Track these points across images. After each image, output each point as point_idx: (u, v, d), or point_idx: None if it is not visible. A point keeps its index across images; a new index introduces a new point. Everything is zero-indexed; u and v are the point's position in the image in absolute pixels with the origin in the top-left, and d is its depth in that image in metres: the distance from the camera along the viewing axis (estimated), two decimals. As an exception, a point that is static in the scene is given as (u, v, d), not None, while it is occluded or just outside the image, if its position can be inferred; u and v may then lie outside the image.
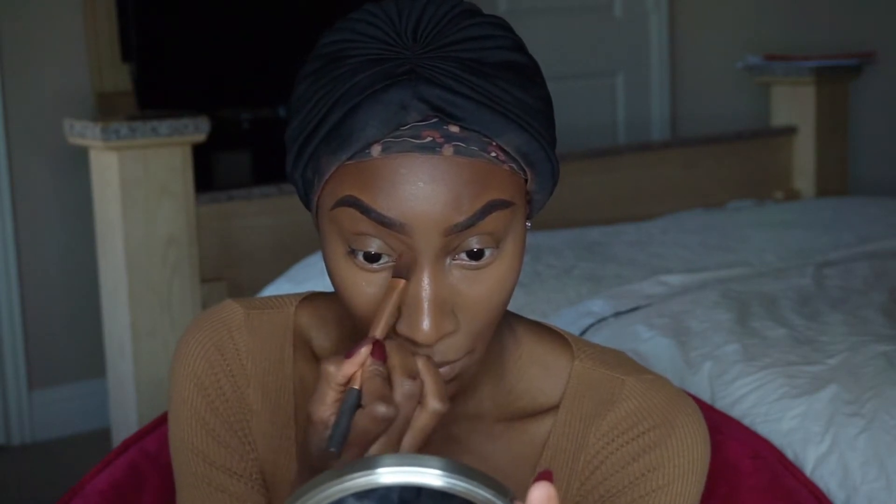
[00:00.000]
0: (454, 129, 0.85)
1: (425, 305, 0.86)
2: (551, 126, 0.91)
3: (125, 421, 2.60)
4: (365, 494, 0.65)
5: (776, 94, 3.73)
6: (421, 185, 0.84)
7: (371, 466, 0.65)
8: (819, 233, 2.78)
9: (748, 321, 1.98)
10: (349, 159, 0.86)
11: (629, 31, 4.38)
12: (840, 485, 1.64)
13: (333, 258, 0.89)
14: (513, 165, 0.88)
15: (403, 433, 0.84)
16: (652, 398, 1.00)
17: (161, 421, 1.38)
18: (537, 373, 1.02)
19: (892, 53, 4.19)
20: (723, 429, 1.44)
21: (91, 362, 3.45)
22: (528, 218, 0.93)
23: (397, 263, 0.87)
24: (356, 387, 0.83)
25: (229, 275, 2.73)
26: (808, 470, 1.66)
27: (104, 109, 3.57)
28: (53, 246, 3.57)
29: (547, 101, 0.91)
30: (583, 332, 2.07)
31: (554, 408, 1.01)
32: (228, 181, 3.65)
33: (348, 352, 0.84)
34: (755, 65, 3.76)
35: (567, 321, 2.11)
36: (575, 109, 4.06)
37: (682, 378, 1.85)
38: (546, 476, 0.66)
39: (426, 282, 0.86)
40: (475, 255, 0.87)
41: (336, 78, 0.87)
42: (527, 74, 0.89)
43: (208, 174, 3.56)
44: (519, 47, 0.90)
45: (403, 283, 0.86)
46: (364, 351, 0.83)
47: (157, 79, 3.66)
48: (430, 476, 0.65)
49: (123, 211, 2.51)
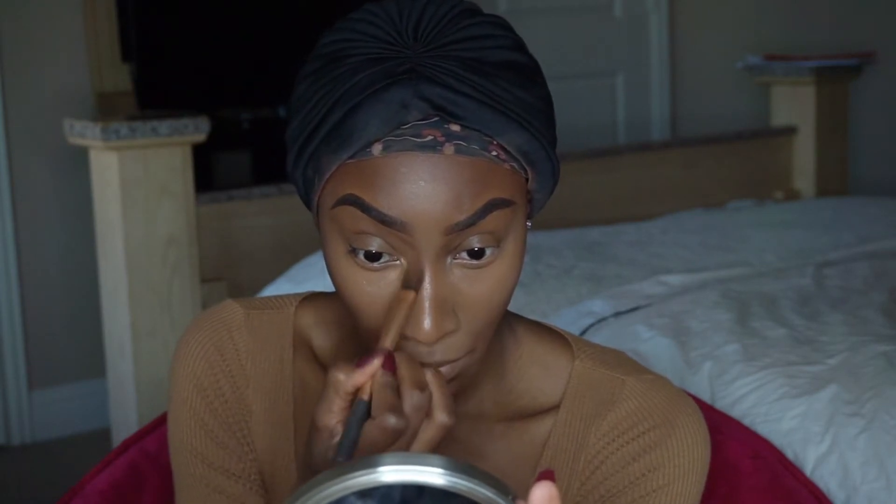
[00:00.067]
0: (455, 128, 0.85)
1: (426, 304, 0.86)
2: (552, 125, 0.91)
3: (125, 421, 2.60)
4: (367, 493, 0.65)
5: (776, 94, 3.73)
6: (422, 184, 0.84)
7: (373, 465, 0.65)
8: (819, 233, 2.78)
9: (748, 321, 1.98)
10: (350, 158, 0.86)
11: (629, 31, 4.38)
12: (840, 485, 1.64)
13: (334, 257, 0.89)
14: (513, 164, 0.88)
15: (410, 445, 0.84)
16: (652, 398, 0.99)
17: (161, 421, 1.38)
18: (538, 373, 1.02)
19: (892, 53, 4.18)
20: (723, 429, 1.44)
21: (91, 362, 3.45)
22: (529, 217, 0.93)
23: (406, 275, 0.87)
24: (365, 397, 0.82)
25: (229, 275, 2.73)
26: (808, 470, 1.66)
27: (104, 109, 3.56)
28: (53, 246, 3.57)
29: (547, 101, 0.91)
30: (583, 332, 2.07)
31: (554, 408, 1.01)
32: (228, 181, 3.65)
33: (358, 361, 0.83)
34: (755, 65, 3.76)
35: (567, 321, 2.11)
36: (575, 109, 4.06)
37: (682, 378, 1.85)
38: (548, 476, 0.66)
39: (427, 281, 0.86)
40: (476, 255, 0.87)
41: (337, 77, 0.87)
42: (527, 74, 0.89)
43: (208, 174, 3.56)
44: (519, 47, 0.90)
45: (413, 295, 0.85)
46: (376, 362, 0.83)
47: (157, 79, 3.65)
48: (432, 475, 0.65)
49: (123, 211, 2.51)
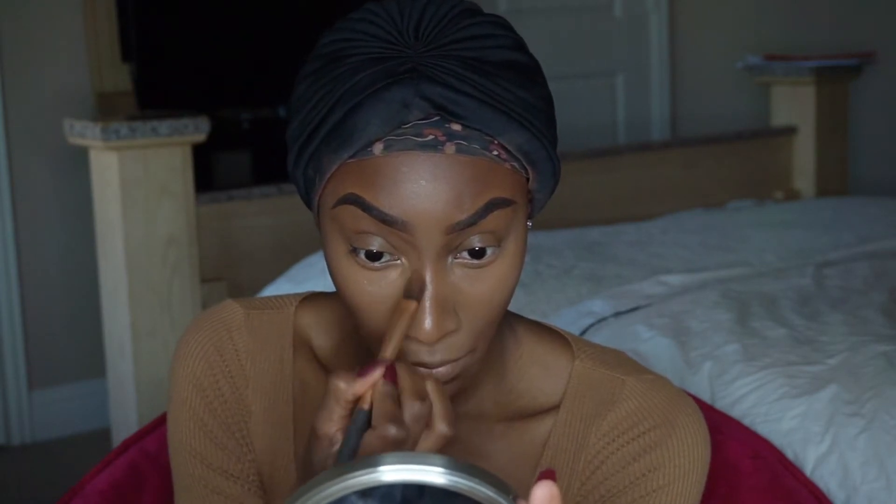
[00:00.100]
0: (456, 128, 0.85)
1: (427, 304, 0.86)
2: (552, 125, 0.91)
3: (125, 421, 2.60)
4: (368, 492, 0.65)
5: (776, 94, 3.73)
6: (423, 184, 0.84)
7: (374, 464, 0.65)
8: (819, 233, 2.78)
9: (748, 321, 1.98)
10: (351, 158, 0.86)
11: (629, 31, 4.38)
12: (840, 485, 1.64)
13: (335, 257, 0.89)
14: (514, 164, 0.88)
15: None
16: (652, 398, 0.99)
17: (161, 421, 1.38)
18: (538, 373, 1.02)
19: (892, 53, 4.18)
20: (723, 429, 1.44)
21: (91, 362, 3.45)
22: (530, 217, 0.93)
23: (407, 284, 0.87)
24: (365, 407, 0.82)
25: (229, 275, 2.73)
26: (808, 470, 1.66)
27: (104, 109, 3.57)
28: (53, 246, 3.57)
29: (548, 101, 0.91)
30: (583, 332, 2.07)
31: (554, 408, 1.01)
32: (228, 181, 3.65)
33: (360, 370, 0.83)
34: (755, 65, 3.76)
35: (567, 321, 2.11)
36: (575, 109, 4.06)
37: (682, 378, 1.85)
38: (549, 475, 0.66)
39: (428, 280, 0.86)
40: (477, 254, 0.87)
41: (337, 77, 0.87)
42: (528, 73, 0.89)
43: (208, 174, 3.56)
44: (520, 46, 0.90)
45: (415, 305, 0.85)
46: (377, 372, 0.82)
47: (157, 79, 3.65)
48: (433, 474, 0.65)
49: (123, 211, 2.51)
